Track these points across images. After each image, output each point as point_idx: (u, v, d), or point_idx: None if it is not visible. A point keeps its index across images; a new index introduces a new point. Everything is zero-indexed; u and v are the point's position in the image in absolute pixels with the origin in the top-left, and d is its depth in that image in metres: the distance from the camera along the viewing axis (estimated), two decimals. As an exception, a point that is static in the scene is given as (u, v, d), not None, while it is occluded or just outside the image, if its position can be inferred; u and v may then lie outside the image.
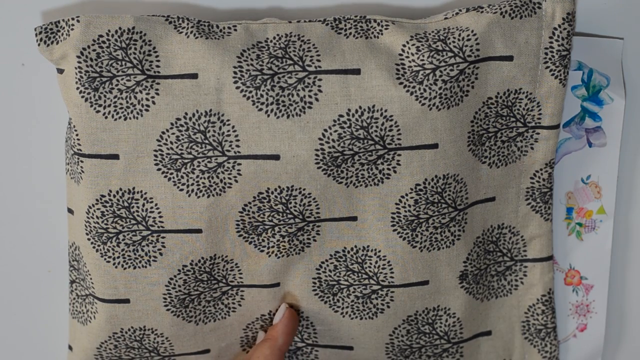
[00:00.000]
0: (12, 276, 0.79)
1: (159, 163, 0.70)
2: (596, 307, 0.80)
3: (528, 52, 0.71)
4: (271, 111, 0.69)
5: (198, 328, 0.75)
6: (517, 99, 0.72)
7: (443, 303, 0.75)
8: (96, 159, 0.70)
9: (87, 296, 0.74)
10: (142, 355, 0.76)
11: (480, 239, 0.75)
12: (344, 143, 0.70)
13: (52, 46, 0.69)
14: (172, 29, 0.70)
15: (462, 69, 0.70)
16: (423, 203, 0.72)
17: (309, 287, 0.74)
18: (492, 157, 0.74)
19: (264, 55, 0.69)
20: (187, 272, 0.73)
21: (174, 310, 0.74)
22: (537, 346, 0.79)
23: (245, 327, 0.76)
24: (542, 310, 0.78)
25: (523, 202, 0.76)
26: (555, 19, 0.71)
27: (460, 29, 0.70)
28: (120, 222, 0.71)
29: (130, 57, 0.69)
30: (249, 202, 0.71)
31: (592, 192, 0.78)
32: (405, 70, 0.70)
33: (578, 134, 0.76)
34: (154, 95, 0.69)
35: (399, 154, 0.70)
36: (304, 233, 0.73)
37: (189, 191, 0.71)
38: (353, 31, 0.71)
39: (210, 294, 0.74)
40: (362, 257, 0.73)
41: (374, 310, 0.75)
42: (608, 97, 0.75)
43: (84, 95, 0.69)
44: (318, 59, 0.70)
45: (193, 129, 0.70)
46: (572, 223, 0.78)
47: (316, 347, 0.77)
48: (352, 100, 0.69)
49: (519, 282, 0.78)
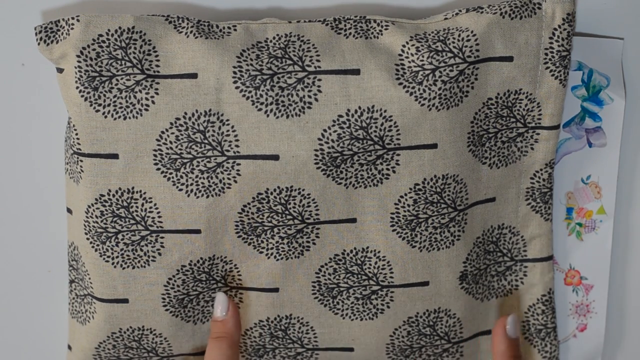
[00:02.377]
0: (12, 276, 0.79)
1: (158, 163, 0.70)
2: (596, 307, 0.80)
3: (528, 52, 0.71)
4: (270, 111, 0.69)
5: (196, 328, 0.75)
6: (517, 100, 0.72)
7: (444, 305, 0.75)
8: (95, 159, 0.70)
9: (86, 296, 0.75)
10: (141, 355, 0.76)
11: (481, 239, 0.75)
12: (343, 143, 0.70)
13: (52, 45, 0.69)
14: (172, 28, 0.70)
15: (462, 70, 0.69)
16: (422, 203, 0.72)
17: (309, 291, 0.74)
18: (492, 158, 0.74)
19: (263, 55, 0.70)
20: (186, 272, 0.73)
21: (172, 310, 0.74)
22: (537, 346, 0.79)
23: (244, 333, 0.76)
24: (542, 310, 0.78)
25: (523, 202, 0.75)
26: (555, 20, 0.71)
27: (460, 29, 0.70)
28: (120, 221, 0.71)
29: (130, 56, 0.69)
30: (248, 202, 0.71)
31: (592, 192, 0.78)
32: (404, 71, 0.70)
33: (578, 134, 0.76)
34: (154, 95, 0.69)
35: (398, 154, 0.70)
36: (303, 236, 0.72)
37: (188, 191, 0.71)
38: (353, 31, 0.71)
39: (209, 294, 0.74)
40: (362, 259, 0.73)
41: (374, 311, 0.75)
42: (608, 97, 0.75)
43: (83, 94, 0.69)
44: (318, 59, 0.70)
45: (192, 129, 0.70)
46: (572, 223, 0.78)
47: (316, 351, 0.77)
48: (352, 100, 0.69)
49: (519, 282, 0.78)
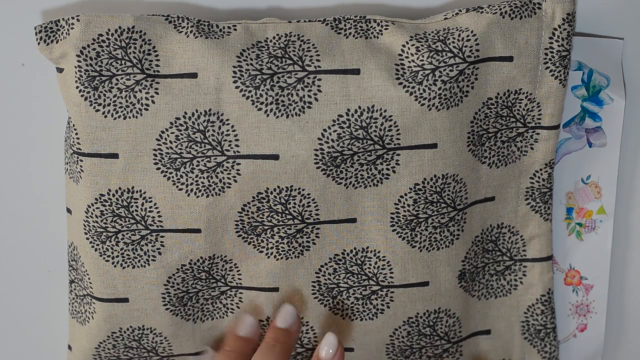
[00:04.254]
0: (12, 276, 0.79)
1: (158, 162, 0.70)
2: (596, 307, 0.80)
3: (528, 52, 0.71)
4: (270, 111, 0.69)
5: (196, 327, 0.75)
6: (517, 100, 0.72)
7: (444, 305, 0.75)
8: (95, 158, 0.70)
9: (85, 296, 0.75)
10: (141, 355, 0.76)
11: (479, 237, 0.75)
12: (343, 143, 0.70)
13: (51, 45, 0.69)
14: (171, 28, 0.70)
15: (462, 70, 0.70)
16: (422, 203, 0.72)
17: (309, 291, 0.74)
18: (492, 157, 0.74)
19: (263, 55, 0.70)
20: (186, 272, 0.73)
21: (172, 309, 0.74)
22: (536, 346, 0.79)
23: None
24: (541, 310, 0.78)
25: (523, 202, 0.75)
26: (555, 20, 0.71)
27: (460, 29, 0.70)
28: (120, 221, 0.71)
29: (129, 56, 0.69)
30: (248, 202, 0.71)
31: (592, 192, 0.78)
32: (404, 71, 0.70)
33: (578, 134, 0.76)
34: (154, 95, 0.69)
35: (397, 153, 0.70)
36: (302, 235, 0.73)
37: (188, 191, 0.71)
38: (353, 31, 0.71)
39: (209, 293, 0.74)
40: (362, 259, 0.73)
41: (374, 311, 0.75)
42: (608, 97, 0.75)
43: (83, 94, 0.69)
44: (318, 59, 0.70)
45: (192, 129, 0.70)
46: (572, 223, 0.78)
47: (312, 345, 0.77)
48: (352, 100, 0.69)
49: (519, 282, 0.78)
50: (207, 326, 0.76)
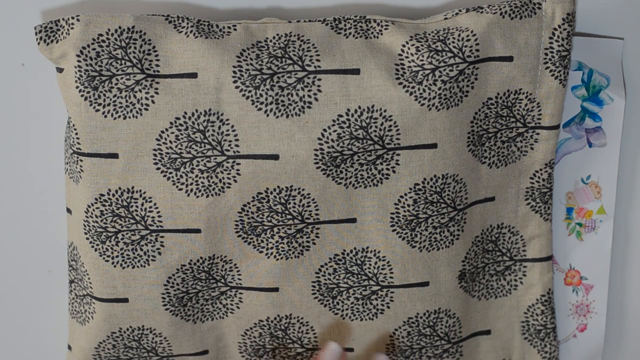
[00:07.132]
0: (12, 276, 0.79)
1: (158, 162, 0.70)
2: (596, 307, 0.80)
3: (528, 52, 0.71)
4: (270, 111, 0.69)
5: (196, 327, 0.75)
6: (517, 100, 0.72)
7: (444, 305, 0.75)
8: (95, 158, 0.70)
9: (85, 296, 0.75)
10: (141, 355, 0.76)
11: (479, 238, 0.75)
12: (343, 143, 0.70)
13: (51, 45, 0.69)
14: (171, 28, 0.70)
15: (462, 70, 0.70)
16: (422, 203, 0.72)
17: (309, 291, 0.74)
18: (492, 157, 0.74)
19: (263, 54, 0.70)
20: (186, 271, 0.73)
21: (172, 309, 0.74)
22: (536, 346, 0.79)
23: (244, 333, 0.76)
24: (541, 310, 0.78)
25: (523, 202, 0.75)
26: (555, 20, 0.71)
27: (460, 29, 0.70)
28: (119, 221, 0.71)
29: (129, 56, 0.69)
30: (248, 202, 0.71)
31: (592, 192, 0.78)
32: (404, 71, 0.70)
33: (578, 134, 0.76)
34: (154, 95, 0.69)
35: (397, 153, 0.70)
36: (302, 235, 0.73)
37: (188, 191, 0.71)
38: (353, 31, 0.71)
39: (209, 293, 0.74)
40: (362, 259, 0.73)
41: (374, 311, 0.75)
42: (608, 97, 0.75)
43: (83, 94, 0.69)
44: (317, 59, 0.70)
45: (192, 129, 0.70)
46: (572, 223, 0.78)
47: (316, 351, 0.77)
48: (352, 100, 0.69)
49: (519, 282, 0.78)
50: (207, 326, 0.76)
